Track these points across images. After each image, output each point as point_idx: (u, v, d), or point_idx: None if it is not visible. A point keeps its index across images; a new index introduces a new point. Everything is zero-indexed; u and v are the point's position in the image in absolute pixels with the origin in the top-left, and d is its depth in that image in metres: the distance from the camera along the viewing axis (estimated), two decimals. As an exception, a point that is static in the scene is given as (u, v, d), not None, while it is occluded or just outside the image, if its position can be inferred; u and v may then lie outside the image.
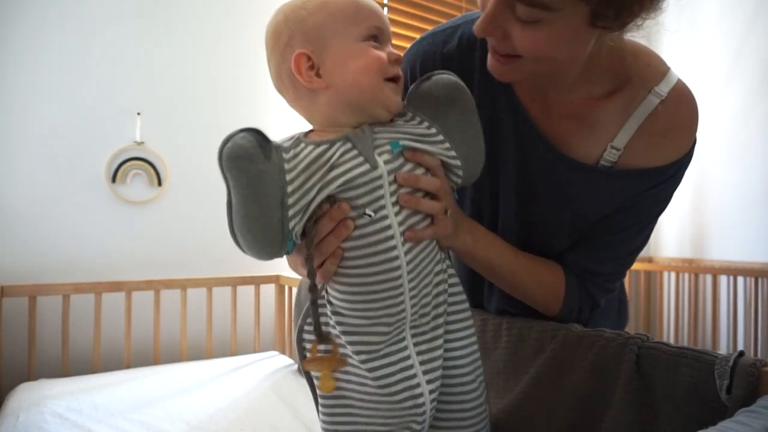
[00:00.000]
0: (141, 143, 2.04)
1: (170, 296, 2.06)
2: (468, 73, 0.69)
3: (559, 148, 0.77)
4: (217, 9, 2.22)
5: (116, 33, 2.02)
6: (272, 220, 0.58)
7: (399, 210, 0.61)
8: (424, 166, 0.64)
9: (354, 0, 0.63)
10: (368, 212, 0.60)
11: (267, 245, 0.60)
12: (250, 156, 0.57)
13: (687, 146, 0.76)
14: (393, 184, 0.61)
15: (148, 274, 2.03)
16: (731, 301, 2.74)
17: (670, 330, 3.07)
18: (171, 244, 2.12)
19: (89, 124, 1.96)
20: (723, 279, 2.78)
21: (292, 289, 2.12)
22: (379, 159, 0.61)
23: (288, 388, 1.67)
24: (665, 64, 0.76)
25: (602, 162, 0.76)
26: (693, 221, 3.08)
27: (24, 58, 1.86)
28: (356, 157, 0.60)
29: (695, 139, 0.77)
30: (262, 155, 0.58)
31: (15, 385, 1.66)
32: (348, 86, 0.62)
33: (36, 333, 1.77)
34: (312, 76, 0.62)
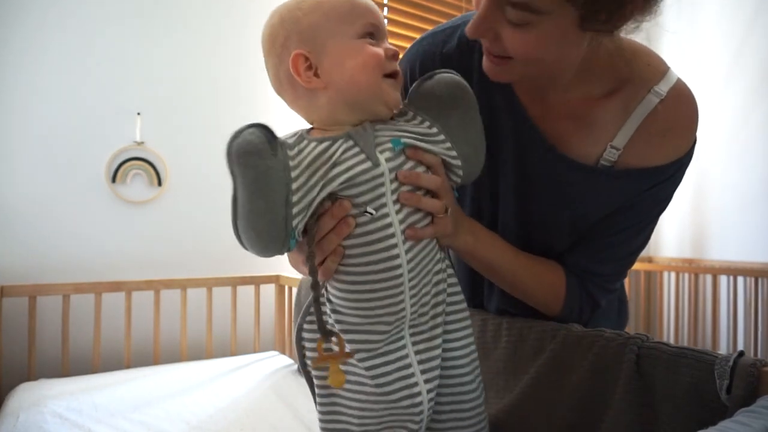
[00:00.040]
0: (141, 143, 2.04)
1: (170, 296, 2.06)
2: (467, 73, 0.69)
3: (559, 149, 0.77)
4: (217, 9, 2.22)
5: (116, 33, 2.02)
6: (277, 218, 0.58)
7: (400, 208, 0.61)
8: (425, 164, 0.64)
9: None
10: (369, 210, 0.60)
11: (270, 242, 0.59)
12: (259, 152, 0.57)
13: (687, 146, 0.76)
14: (394, 182, 0.61)
15: (148, 274, 2.03)
16: (731, 301, 2.74)
17: (670, 330, 3.07)
18: (171, 244, 2.12)
19: (89, 124, 1.96)
20: (723, 279, 2.78)
21: (292, 289, 2.12)
22: (381, 157, 0.61)
23: (288, 388, 1.67)
24: (665, 64, 0.76)
25: (602, 162, 0.76)
26: (693, 221, 3.08)
27: (24, 58, 1.86)
28: (358, 155, 0.60)
29: (695, 139, 0.76)
30: (270, 151, 0.58)
31: (15, 385, 1.66)
32: (347, 84, 0.62)
33: (36, 333, 1.77)
34: (310, 76, 0.62)
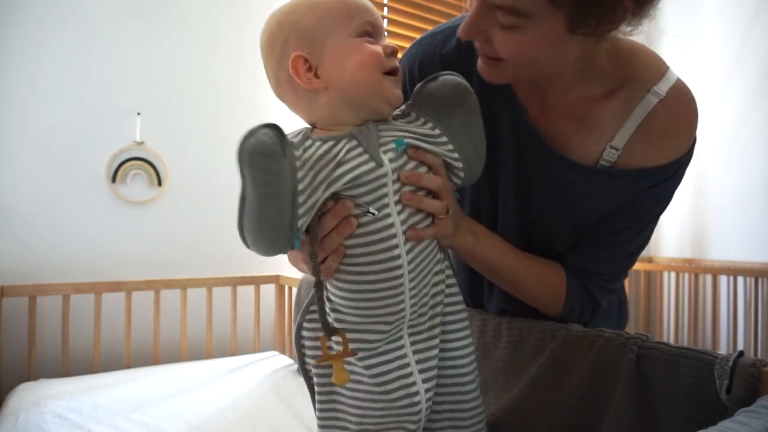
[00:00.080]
0: (141, 143, 2.04)
1: (170, 296, 2.06)
2: (466, 74, 0.69)
3: (558, 149, 0.77)
4: (217, 9, 2.22)
5: (116, 33, 2.02)
6: (284, 219, 0.58)
7: (402, 209, 0.62)
8: (427, 165, 0.64)
9: None
10: (371, 210, 0.60)
11: (275, 243, 0.60)
12: (272, 153, 0.56)
13: (686, 145, 0.76)
14: (396, 183, 0.61)
15: (148, 274, 2.03)
16: (731, 301, 2.74)
17: (670, 330, 3.07)
18: (171, 244, 2.12)
19: (89, 124, 1.96)
20: (723, 279, 2.78)
21: (292, 289, 2.12)
22: (385, 157, 0.61)
23: (288, 388, 1.67)
24: (664, 64, 0.76)
25: (601, 162, 0.76)
26: (693, 221, 3.08)
27: (24, 58, 1.86)
28: (361, 155, 0.60)
29: (695, 138, 0.76)
30: (282, 153, 0.58)
31: (15, 385, 1.66)
32: (347, 83, 0.62)
33: (36, 333, 1.77)
34: (310, 77, 0.63)
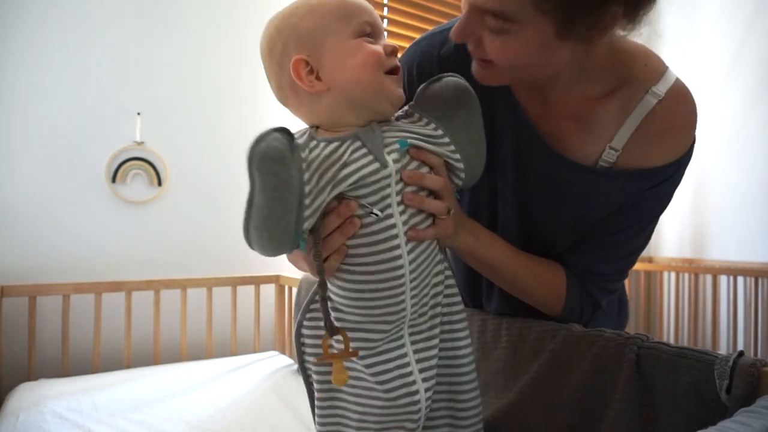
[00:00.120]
0: (141, 143, 2.04)
1: (170, 296, 2.06)
2: (465, 75, 0.70)
3: (558, 149, 0.77)
4: (217, 9, 2.22)
5: (116, 33, 2.02)
6: (290, 222, 0.58)
7: (404, 209, 0.62)
8: (428, 165, 0.65)
9: (341, 0, 0.64)
10: (375, 211, 0.61)
11: (281, 245, 0.60)
12: (283, 158, 0.56)
13: (686, 146, 0.75)
14: (399, 183, 0.62)
15: (148, 274, 2.03)
16: (731, 301, 2.74)
17: (670, 330, 3.07)
18: (171, 244, 2.12)
19: (89, 124, 1.96)
20: (723, 279, 2.78)
21: (292, 289, 2.12)
22: (389, 158, 0.61)
23: (288, 388, 1.67)
24: (663, 64, 0.76)
25: (601, 163, 0.76)
26: (693, 221, 3.08)
27: (24, 58, 1.86)
28: (366, 156, 0.61)
29: (694, 138, 0.76)
30: (292, 158, 0.58)
31: (15, 385, 1.66)
32: (349, 84, 0.62)
33: (36, 333, 1.77)
34: (312, 80, 0.63)
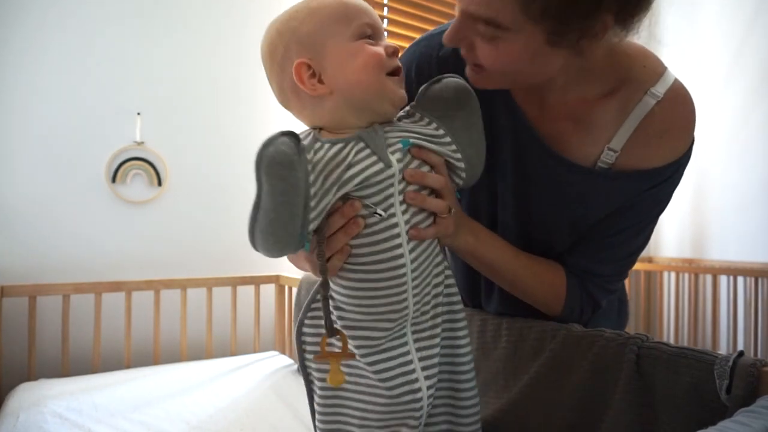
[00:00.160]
0: (141, 143, 2.04)
1: (170, 296, 2.06)
2: (463, 76, 0.70)
3: (557, 150, 0.77)
4: (217, 9, 2.22)
5: (116, 33, 2.02)
6: (297, 225, 0.58)
7: (406, 208, 0.63)
8: (429, 164, 0.65)
9: (341, 2, 0.64)
10: (379, 211, 0.61)
11: (286, 247, 0.60)
12: (291, 163, 0.56)
13: (684, 147, 0.75)
14: (401, 183, 0.63)
15: (148, 274, 2.03)
16: (731, 301, 2.74)
17: (670, 330, 3.07)
18: (171, 244, 2.12)
19: (89, 124, 1.96)
20: (723, 279, 2.78)
21: (292, 289, 2.12)
22: (393, 158, 0.62)
23: (288, 388, 1.67)
24: (662, 65, 0.75)
25: (600, 164, 0.76)
26: (693, 221, 3.08)
27: (24, 58, 1.86)
28: (370, 156, 0.61)
29: (693, 139, 0.76)
30: (300, 161, 0.58)
31: (15, 385, 1.66)
32: (351, 87, 0.63)
33: (36, 333, 1.77)
34: (315, 83, 0.63)
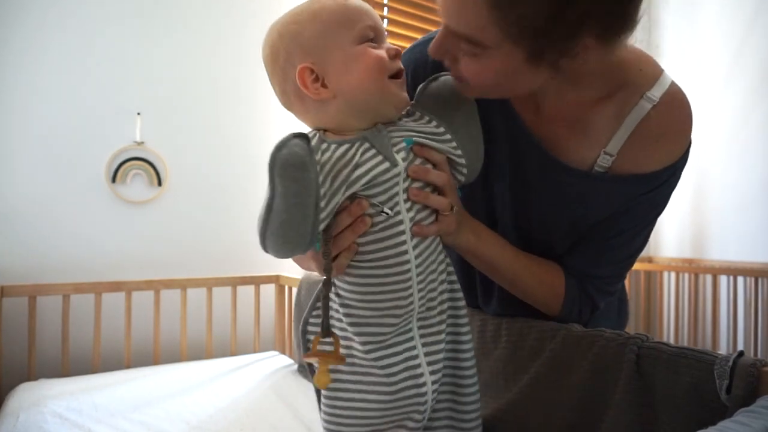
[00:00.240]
0: (141, 143, 2.04)
1: (170, 296, 2.06)
2: None
3: (553, 153, 0.77)
4: (217, 9, 2.22)
5: (116, 33, 2.02)
6: (308, 225, 0.59)
7: (410, 206, 0.64)
8: (431, 162, 0.66)
9: (342, 4, 0.64)
10: (386, 210, 0.62)
11: (296, 247, 0.61)
12: (304, 165, 0.57)
13: (681, 150, 0.75)
14: (406, 181, 0.64)
15: (148, 274, 2.03)
16: (731, 301, 2.74)
17: (670, 330, 3.07)
18: (171, 244, 2.12)
19: (89, 124, 1.96)
20: (723, 279, 2.78)
21: (292, 289, 2.12)
22: (398, 157, 0.63)
23: (288, 388, 1.67)
24: (658, 68, 0.75)
25: (596, 167, 0.76)
26: (693, 221, 3.08)
27: (24, 58, 1.86)
28: (376, 156, 0.62)
29: (690, 142, 0.76)
30: (312, 163, 0.58)
31: (15, 385, 1.66)
32: (355, 91, 0.63)
33: (36, 333, 1.77)
34: (318, 88, 0.64)
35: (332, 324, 0.67)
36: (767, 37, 2.75)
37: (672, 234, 3.19)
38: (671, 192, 0.79)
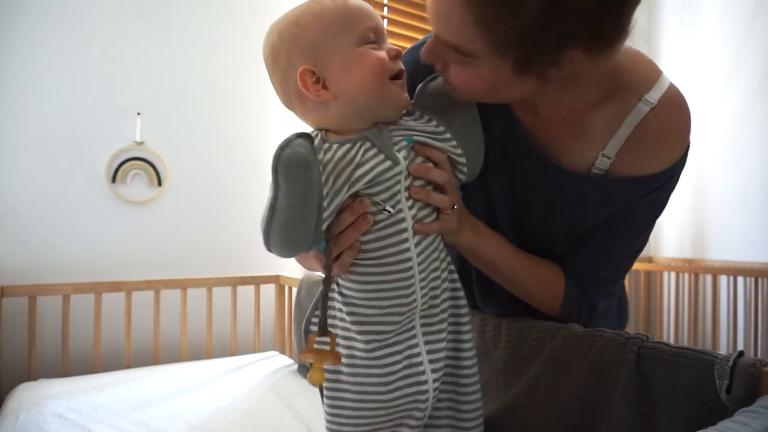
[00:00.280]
0: (141, 143, 2.04)
1: (170, 296, 2.06)
2: None
3: (551, 156, 0.77)
4: (217, 9, 2.22)
5: (116, 33, 2.02)
6: (312, 224, 0.59)
7: (412, 204, 0.64)
8: (433, 161, 0.66)
9: (343, 6, 0.64)
10: (388, 208, 0.63)
11: (300, 246, 0.61)
12: (308, 164, 0.57)
13: (679, 153, 0.75)
14: (408, 179, 0.64)
15: (148, 274, 2.03)
16: (731, 301, 2.74)
17: (670, 330, 3.07)
18: (171, 244, 2.12)
19: (89, 124, 1.96)
20: (723, 279, 2.78)
21: (292, 289, 2.12)
22: (399, 155, 0.64)
23: (288, 388, 1.67)
24: (657, 71, 0.75)
25: (594, 170, 0.76)
26: (693, 221, 3.08)
27: (24, 58, 1.86)
28: (378, 155, 0.63)
29: (688, 144, 0.76)
30: (315, 162, 0.59)
31: (15, 385, 1.66)
32: (356, 93, 0.64)
33: (36, 333, 1.77)
34: (319, 90, 0.64)
35: (334, 323, 0.67)
36: (767, 37, 2.75)
37: (672, 234, 3.19)
38: (670, 194, 0.78)
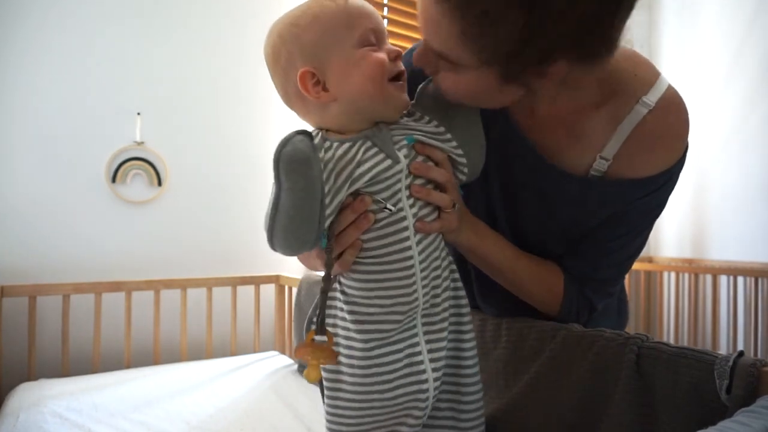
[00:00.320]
0: (141, 143, 2.04)
1: (170, 296, 2.06)
2: None
3: (548, 159, 0.77)
4: (217, 9, 2.22)
5: (116, 33, 2.02)
6: (315, 221, 0.60)
7: (413, 203, 0.64)
8: (433, 160, 0.66)
9: (343, 7, 0.64)
10: (389, 207, 0.63)
11: (304, 244, 0.62)
12: (309, 160, 0.57)
13: (677, 155, 0.75)
14: (408, 178, 0.64)
15: (148, 274, 2.03)
16: (731, 301, 2.74)
17: (670, 330, 3.07)
18: (171, 244, 2.12)
19: (89, 124, 1.96)
20: (723, 279, 2.78)
21: (292, 289, 2.12)
22: (400, 154, 0.64)
23: (288, 388, 1.67)
24: (655, 73, 0.74)
25: (592, 172, 0.75)
26: (693, 221, 3.08)
27: (24, 58, 1.86)
28: (378, 154, 0.63)
29: (686, 146, 0.76)
30: (316, 159, 0.59)
31: (15, 385, 1.66)
32: (356, 95, 0.64)
33: (36, 333, 1.77)
34: (319, 91, 0.64)
35: (335, 323, 0.67)
36: (767, 38, 2.75)
37: (672, 234, 3.19)
38: (668, 196, 0.78)
